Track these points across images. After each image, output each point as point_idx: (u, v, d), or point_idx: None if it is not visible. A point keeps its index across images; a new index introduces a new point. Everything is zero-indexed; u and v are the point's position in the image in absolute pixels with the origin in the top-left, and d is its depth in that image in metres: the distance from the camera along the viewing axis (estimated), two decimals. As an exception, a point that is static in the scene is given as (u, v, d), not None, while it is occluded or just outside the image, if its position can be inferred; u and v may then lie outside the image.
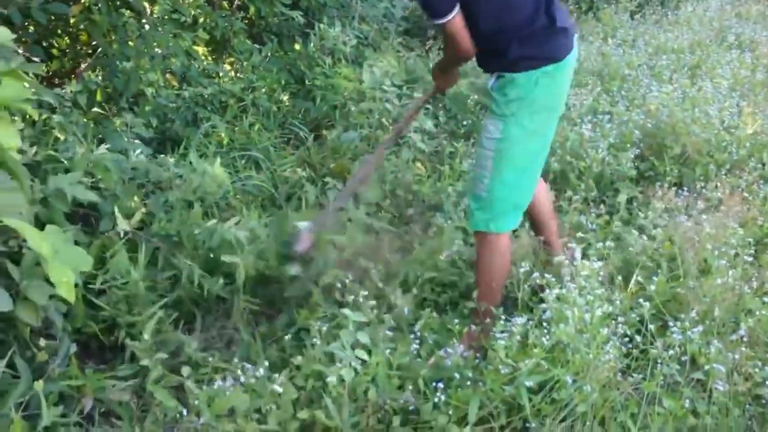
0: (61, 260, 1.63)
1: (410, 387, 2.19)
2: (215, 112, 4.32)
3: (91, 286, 2.50)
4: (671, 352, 2.16)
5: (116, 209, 2.60)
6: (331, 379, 2.11)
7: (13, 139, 1.51)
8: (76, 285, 1.75)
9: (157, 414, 2.07)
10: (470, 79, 4.91)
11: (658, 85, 4.65)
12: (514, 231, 2.69)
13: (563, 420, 2.10)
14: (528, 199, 2.56)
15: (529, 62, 2.33)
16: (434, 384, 2.17)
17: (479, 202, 2.50)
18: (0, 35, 1.65)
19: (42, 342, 2.20)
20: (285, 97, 4.83)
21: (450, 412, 2.09)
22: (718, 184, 3.48)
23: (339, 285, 2.59)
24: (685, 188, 3.51)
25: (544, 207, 2.87)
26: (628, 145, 3.86)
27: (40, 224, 2.02)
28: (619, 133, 3.98)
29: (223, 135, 4.10)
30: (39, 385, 1.93)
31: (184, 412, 2.04)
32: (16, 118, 2.48)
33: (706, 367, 2.18)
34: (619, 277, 2.61)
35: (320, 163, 3.98)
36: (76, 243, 2.24)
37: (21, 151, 2.49)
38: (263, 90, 4.66)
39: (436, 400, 2.11)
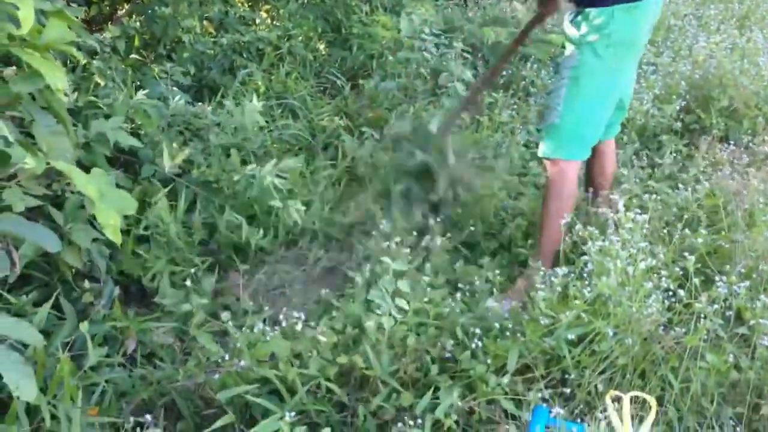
0: (107, 203, 1.63)
1: (449, 336, 2.19)
2: (252, 60, 4.29)
3: (131, 231, 2.53)
4: (715, 306, 2.12)
5: (165, 147, 2.61)
6: (369, 324, 2.12)
7: (60, 81, 1.51)
8: (121, 230, 1.76)
9: (200, 357, 2.10)
10: (510, 29, 4.81)
11: (706, 35, 4.51)
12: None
13: (603, 372, 2.09)
14: (596, 135, 2.63)
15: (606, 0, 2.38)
16: (473, 330, 2.16)
17: (551, 129, 2.59)
18: (43, -24, 1.64)
19: (86, 284, 2.24)
20: (321, 46, 4.78)
21: (488, 362, 2.09)
22: (766, 137, 3.39)
23: (375, 233, 2.59)
24: (732, 141, 3.42)
25: (607, 170, 2.93)
26: (674, 97, 3.76)
27: (83, 169, 2.03)
28: (664, 85, 3.88)
29: (259, 83, 4.07)
30: (84, 326, 1.96)
31: (226, 356, 2.06)
32: (58, 62, 2.48)
33: (752, 322, 2.14)
34: (664, 230, 2.57)
35: (357, 113, 3.94)
36: (118, 187, 2.26)
37: (64, 95, 2.50)
38: (300, 38, 4.61)
39: (473, 346, 2.11)
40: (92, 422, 1.86)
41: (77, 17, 2.54)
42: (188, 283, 2.32)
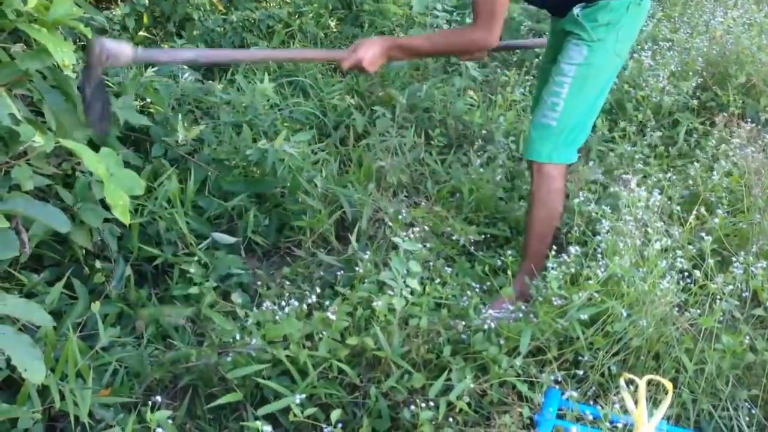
0: (116, 183, 1.62)
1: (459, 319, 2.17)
2: (262, 38, 4.25)
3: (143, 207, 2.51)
4: (731, 287, 2.09)
5: (179, 121, 2.57)
6: (378, 304, 2.10)
7: (67, 56, 1.49)
8: (130, 211, 1.75)
9: (213, 337, 2.09)
10: (522, 4, 4.74)
11: (723, 10, 4.44)
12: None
13: (616, 354, 2.07)
14: (588, 134, 2.48)
15: None
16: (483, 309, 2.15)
17: (545, 131, 2.36)
18: (49, -48, 1.61)
19: (98, 264, 2.23)
20: (332, 23, 4.73)
21: (501, 343, 2.07)
22: (785, 115, 3.34)
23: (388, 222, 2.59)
24: (749, 119, 3.37)
25: None
26: (690, 74, 3.70)
27: (93, 148, 2.02)
28: (680, 62, 3.82)
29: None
30: (96, 306, 1.95)
31: (238, 336, 2.05)
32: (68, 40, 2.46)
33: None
34: (678, 207, 2.53)
35: (368, 91, 3.91)
36: (128, 166, 2.24)
37: (73, 72, 2.48)
38: (310, 15, 4.56)
39: (486, 327, 2.09)
40: (104, 402, 1.86)
41: (85, -6, 2.52)
42: (192, 269, 2.30)
